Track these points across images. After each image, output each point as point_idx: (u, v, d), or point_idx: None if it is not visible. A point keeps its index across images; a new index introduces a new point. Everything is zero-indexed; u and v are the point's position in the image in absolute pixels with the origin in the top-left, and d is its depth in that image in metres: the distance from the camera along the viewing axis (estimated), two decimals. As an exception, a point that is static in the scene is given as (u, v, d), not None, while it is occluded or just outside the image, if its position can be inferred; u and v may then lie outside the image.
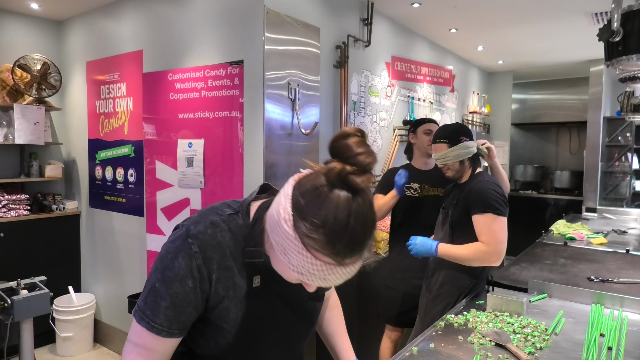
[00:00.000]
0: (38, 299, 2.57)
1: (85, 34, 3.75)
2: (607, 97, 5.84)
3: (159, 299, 0.86)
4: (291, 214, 0.75)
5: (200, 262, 0.87)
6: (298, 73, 2.75)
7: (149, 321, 0.86)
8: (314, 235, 0.73)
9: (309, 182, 0.77)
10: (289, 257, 0.76)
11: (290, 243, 0.75)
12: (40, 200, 3.72)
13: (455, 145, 2.05)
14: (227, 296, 0.90)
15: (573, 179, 6.41)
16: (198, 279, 0.87)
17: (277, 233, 0.78)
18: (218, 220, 0.91)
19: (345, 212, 0.73)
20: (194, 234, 0.88)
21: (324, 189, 0.74)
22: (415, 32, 4.39)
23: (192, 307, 0.88)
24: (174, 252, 0.87)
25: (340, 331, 1.27)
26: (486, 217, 1.92)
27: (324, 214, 0.73)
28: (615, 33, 1.64)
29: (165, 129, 3.02)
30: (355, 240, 0.74)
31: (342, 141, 0.76)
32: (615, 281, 2.17)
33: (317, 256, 0.74)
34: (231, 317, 0.91)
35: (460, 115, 5.48)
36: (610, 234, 3.55)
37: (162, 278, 0.86)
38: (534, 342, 1.47)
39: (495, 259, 1.92)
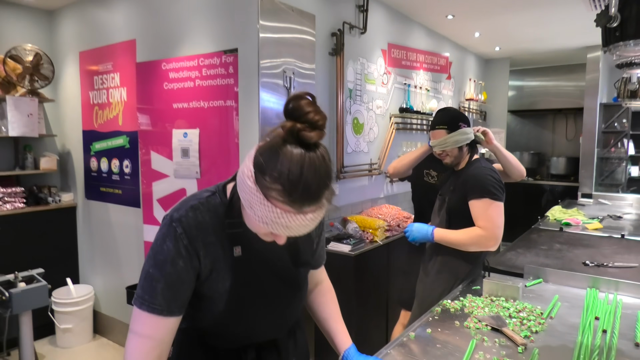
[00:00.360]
0: (36, 291, 2.57)
1: (77, 24, 3.70)
2: (604, 84, 5.83)
3: (154, 282, 0.94)
4: (252, 170, 0.85)
5: (186, 242, 0.95)
6: (293, 61, 2.73)
7: (149, 304, 0.93)
8: (273, 186, 0.82)
9: (267, 143, 0.85)
10: (254, 209, 0.85)
11: (253, 196, 0.85)
12: (36, 193, 3.70)
13: (454, 131, 2.05)
14: (214, 269, 0.99)
15: (569, 166, 6.43)
16: (187, 257, 0.95)
17: (243, 190, 0.87)
18: (197, 204, 1.00)
19: (299, 164, 0.81)
20: (177, 218, 0.97)
21: (279, 146, 0.83)
22: (411, 19, 4.35)
23: (186, 284, 0.97)
24: (161, 238, 0.96)
25: (334, 315, 1.29)
26: (483, 202, 1.92)
27: (279, 168, 0.81)
28: (613, 19, 1.62)
29: (160, 119, 3.00)
30: (310, 189, 0.82)
31: (293, 103, 0.84)
32: (610, 265, 2.19)
33: (277, 205, 0.83)
34: (220, 286, 1.00)
35: (457, 103, 5.47)
36: (605, 219, 3.56)
37: (154, 263, 0.95)
38: (529, 326, 1.48)
39: (492, 243, 1.92)
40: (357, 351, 1.21)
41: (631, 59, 2.07)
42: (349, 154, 3.51)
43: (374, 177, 3.90)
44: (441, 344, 1.38)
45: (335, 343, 1.25)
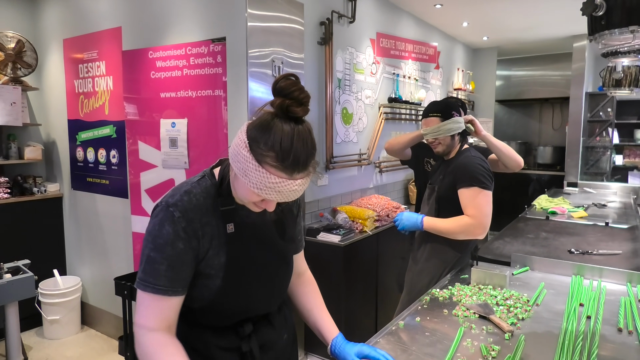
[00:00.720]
0: (22, 282, 2.54)
1: (61, 10, 3.62)
2: (590, 73, 5.89)
3: (156, 264, 0.99)
4: (247, 141, 0.94)
5: (184, 224, 1.00)
6: (282, 50, 2.71)
7: (153, 286, 0.99)
8: (267, 154, 0.91)
9: (259, 118, 0.96)
10: (249, 177, 0.93)
11: (249, 164, 0.93)
12: (21, 183, 3.64)
13: (447, 119, 2.06)
14: (210, 247, 1.05)
15: (555, 155, 6.51)
16: (186, 239, 1.01)
17: (238, 160, 0.95)
18: (189, 188, 1.06)
19: (289, 135, 0.92)
20: (173, 203, 1.02)
21: (270, 119, 0.93)
22: (400, 8, 4.34)
23: (186, 265, 1.02)
24: (159, 223, 1.01)
25: (319, 305, 1.32)
26: (472, 191, 1.94)
27: (273, 137, 0.91)
28: (599, 7, 1.63)
29: (148, 108, 2.96)
30: (300, 157, 0.92)
31: (281, 82, 0.94)
32: (594, 253, 2.23)
33: (271, 171, 0.92)
34: (216, 263, 1.06)
35: (445, 92, 5.49)
36: (590, 207, 3.63)
37: (154, 247, 1.00)
38: (516, 313, 1.51)
39: (480, 231, 1.95)
40: (345, 339, 1.23)
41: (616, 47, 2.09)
42: (338, 144, 3.51)
43: (364, 168, 3.91)
44: (430, 332, 1.41)
45: (322, 333, 1.27)
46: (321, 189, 3.37)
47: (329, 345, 1.23)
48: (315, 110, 3.24)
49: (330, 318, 1.30)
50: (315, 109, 3.24)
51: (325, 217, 3.30)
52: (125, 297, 2.43)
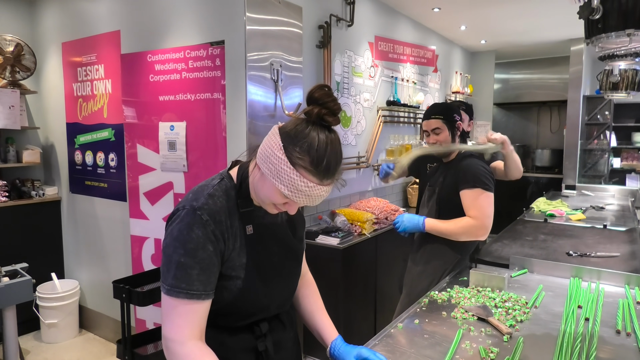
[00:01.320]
0: (20, 286, 2.53)
1: (59, 14, 3.62)
2: (587, 76, 5.92)
3: (189, 269, 0.99)
4: (282, 144, 0.96)
5: (213, 227, 1.02)
6: (280, 54, 2.71)
7: (187, 291, 0.99)
8: (303, 157, 0.95)
9: (293, 123, 0.99)
10: (280, 178, 0.96)
11: (282, 166, 0.95)
12: (19, 187, 3.63)
13: (449, 120, 2.09)
14: (233, 249, 1.07)
15: (553, 157, 6.52)
16: (214, 241, 1.02)
17: (270, 162, 0.97)
18: (212, 192, 1.07)
19: (324, 142, 0.96)
20: (200, 206, 1.02)
21: (307, 125, 0.98)
22: (398, 12, 4.35)
23: (217, 267, 1.04)
24: (187, 227, 1.01)
25: (319, 308, 1.33)
26: (475, 192, 1.95)
27: (309, 142, 0.95)
28: (595, 10, 1.64)
29: (146, 111, 2.96)
30: (332, 164, 0.97)
31: (318, 92, 0.99)
32: (592, 255, 2.24)
33: (304, 175, 0.95)
34: (237, 264, 1.07)
35: (444, 96, 5.50)
36: (588, 210, 3.63)
37: (185, 252, 0.99)
38: (514, 316, 1.51)
39: (483, 232, 1.95)
40: (344, 342, 1.23)
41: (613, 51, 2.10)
42: (336, 146, 3.51)
43: (362, 170, 3.92)
44: (429, 335, 1.41)
45: (322, 335, 1.27)
46: (320, 192, 3.37)
47: (328, 348, 1.24)
48: (313, 113, 3.24)
49: (329, 320, 1.30)
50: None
51: (324, 219, 3.30)
52: (123, 300, 2.43)
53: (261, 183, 1.02)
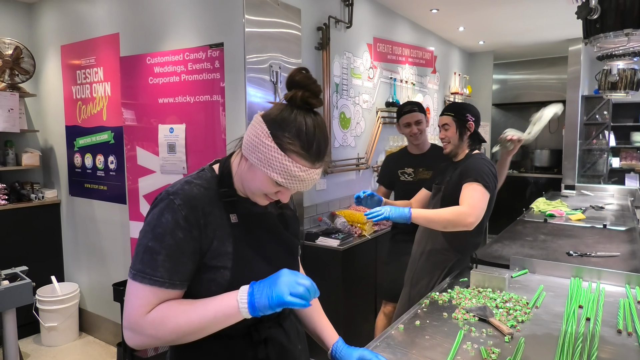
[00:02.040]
0: (20, 289, 2.53)
1: (58, 17, 3.63)
2: (586, 76, 5.93)
3: (154, 254, 0.95)
4: (269, 131, 0.95)
5: (185, 212, 0.97)
6: (279, 56, 2.72)
7: (151, 277, 0.94)
8: (293, 142, 0.94)
9: (277, 109, 0.98)
10: (272, 166, 0.95)
11: (273, 153, 0.94)
12: (18, 190, 3.63)
13: (460, 118, 2.12)
14: (215, 237, 1.01)
15: (552, 158, 6.53)
16: (187, 228, 0.97)
17: (259, 151, 0.96)
18: (190, 179, 1.05)
19: (312, 124, 0.96)
20: (174, 191, 1.00)
21: (292, 110, 0.97)
22: (396, 13, 4.36)
23: (187, 256, 0.97)
24: (159, 212, 0.98)
25: (317, 310, 1.30)
26: (474, 186, 1.93)
27: (297, 126, 0.95)
28: (593, 10, 1.65)
29: (145, 114, 2.96)
30: (322, 146, 0.97)
31: (298, 75, 0.98)
32: (593, 255, 2.24)
33: (296, 160, 0.95)
34: (222, 254, 1.02)
35: (442, 97, 5.51)
36: (588, 210, 3.64)
37: (153, 236, 0.96)
38: (515, 316, 1.51)
39: (471, 220, 1.86)
40: (345, 344, 1.22)
41: (611, 50, 2.11)
42: (336, 148, 3.52)
43: (362, 172, 3.92)
44: (430, 335, 1.40)
45: (322, 338, 1.25)
46: (320, 194, 3.38)
47: (330, 351, 1.22)
48: (313, 114, 3.24)
49: (329, 323, 1.29)
50: (313, 113, 3.24)
51: (324, 221, 3.30)
52: (123, 303, 2.43)
53: (251, 174, 1.00)
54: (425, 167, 2.71)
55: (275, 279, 0.94)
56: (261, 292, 0.93)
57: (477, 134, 2.17)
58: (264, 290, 0.93)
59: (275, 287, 0.92)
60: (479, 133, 2.18)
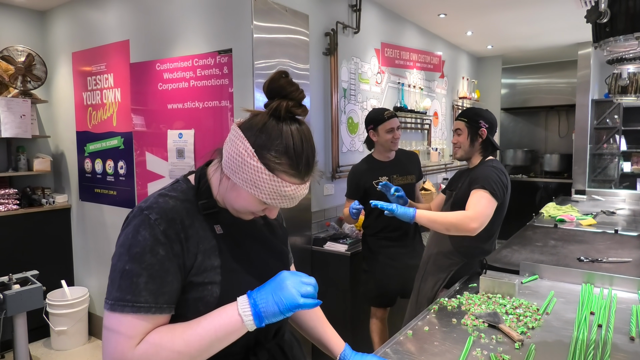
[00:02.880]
0: (31, 293, 2.56)
1: (70, 24, 3.68)
2: (595, 80, 5.88)
3: (135, 277, 0.84)
4: (253, 150, 0.87)
5: (163, 226, 0.88)
6: (287, 61, 2.73)
7: (133, 304, 0.83)
8: (280, 160, 0.87)
9: (260, 122, 0.89)
10: (259, 188, 0.88)
11: (260, 175, 0.87)
12: (30, 195, 3.67)
13: (472, 124, 2.12)
14: (199, 251, 0.92)
15: (562, 162, 6.47)
16: (167, 243, 0.87)
17: (243, 171, 0.88)
18: (163, 192, 0.96)
19: (298, 137, 0.89)
20: (148, 206, 0.91)
21: (276, 123, 0.89)
22: (404, 18, 4.37)
23: (171, 275, 0.88)
24: (133, 230, 0.88)
25: (321, 319, 1.27)
26: (481, 192, 1.94)
27: (284, 143, 0.87)
28: (603, 14, 1.64)
29: (155, 119, 2.99)
30: (310, 159, 0.91)
31: (277, 83, 0.90)
32: (604, 261, 2.21)
33: (286, 179, 0.88)
34: (209, 268, 0.93)
35: (451, 101, 5.49)
36: (599, 215, 3.60)
37: (130, 258, 0.86)
38: (526, 322, 1.50)
39: (475, 225, 1.87)
40: (353, 350, 1.21)
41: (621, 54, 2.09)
42: (344, 153, 3.52)
43: (369, 176, 3.91)
44: (439, 342, 1.39)
45: (329, 347, 1.22)
46: (327, 199, 3.38)
47: (337, 358, 1.21)
48: (321, 119, 3.25)
49: (334, 331, 1.26)
50: (320, 118, 3.25)
51: (332, 226, 3.30)
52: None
53: (234, 194, 0.93)
54: (398, 173, 2.69)
55: (279, 283, 0.88)
56: (266, 300, 0.86)
57: (489, 141, 2.16)
58: (268, 297, 0.87)
59: (282, 291, 0.86)
60: (492, 140, 2.16)
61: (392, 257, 2.65)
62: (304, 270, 1.24)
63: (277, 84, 0.90)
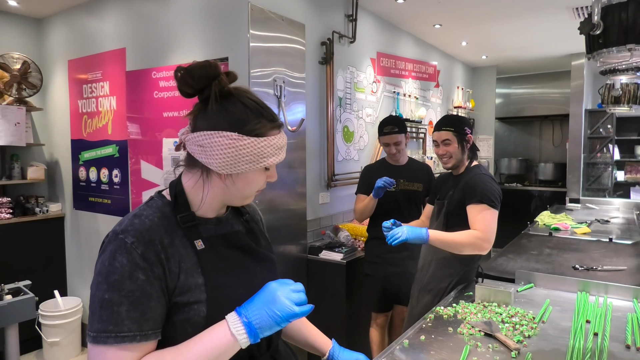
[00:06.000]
0: (23, 303, 2.53)
1: (66, 32, 3.68)
2: (589, 90, 5.94)
3: (115, 306, 0.81)
4: (234, 133, 0.90)
5: (141, 249, 0.85)
6: (284, 70, 2.74)
7: (116, 334, 0.81)
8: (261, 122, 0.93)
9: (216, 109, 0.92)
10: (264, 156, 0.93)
11: (257, 145, 0.91)
12: (23, 203, 3.65)
13: (459, 132, 2.10)
14: (181, 270, 0.89)
15: (556, 171, 6.51)
16: (147, 267, 0.84)
17: (242, 155, 0.91)
18: (138, 212, 0.93)
19: (251, 96, 0.95)
20: (123, 229, 0.87)
21: (228, 99, 0.93)
22: (399, 28, 4.40)
23: (154, 299, 0.84)
24: (109, 257, 0.85)
25: (304, 321, 1.25)
26: (480, 207, 1.94)
27: (250, 107, 0.93)
28: (596, 26, 1.66)
29: (150, 128, 2.99)
30: (266, 106, 0.97)
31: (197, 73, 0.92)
32: (599, 269, 2.22)
33: (272, 133, 0.95)
34: (193, 287, 0.90)
35: (446, 110, 5.53)
36: (593, 223, 3.61)
37: (109, 287, 0.82)
38: (522, 331, 1.49)
39: (487, 246, 1.93)
40: (340, 346, 1.20)
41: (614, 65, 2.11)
42: (339, 162, 3.52)
43: (365, 185, 3.91)
44: (435, 351, 1.39)
45: (316, 346, 1.21)
46: (323, 207, 3.37)
47: (326, 356, 1.19)
48: (316, 128, 3.26)
49: (318, 330, 1.25)
50: (316, 127, 3.26)
51: (328, 235, 3.29)
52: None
53: (242, 183, 0.95)
54: (406, 178, 2.75)
55: (270, 295, 0.87)
56: (259, 315, 0.85)
57: (474, 146, 2.18)
58: (260, 311, 0.85)
59: (276, 304, 0.86)
60: (474, 144, 2.19)
61: (394, 262, 2.68)
62: (300, 279, 1.24)
63: (199, 74, 0.91)
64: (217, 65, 0.93)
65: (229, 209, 1.07)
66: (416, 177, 2.77)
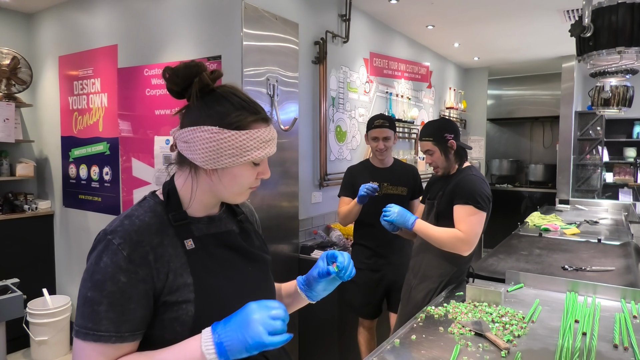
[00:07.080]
0: (10, 302, 2.50)
1: (57, 28, 3.64)
2: (579, 92, 6.00)
3: (95, 305, 0.83)
4: (217, 127, 0.90)
5: (128, 251, 0.85)
6: (277, 69, 2.74)
7: (94, 332, 0.83)
8: (242, 114, 0.92)
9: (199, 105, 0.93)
10: (247, 150, 0.92)
11: (239, 138, 0.91)
12: (12, 200, 3.60)
13: (439, 140, 2.08)
14: (170, 270, 0.90)
15: (547, 172, 6.58)
16: (131, 269, 0.85)
17: (224, 149, 0.90)
18: (130, 212, 0.94)
19: (234, 90, 0.96)
20: (112, 230, 0.89)
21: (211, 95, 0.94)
22: (392, 29, 4.42)
23: (134, 302, 0.85)
24: (96, 256, 0.87)
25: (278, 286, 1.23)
26: (467, 209, 1.95)
27: (231, 100, 0.93)
28: (586, 29, 1.68)
29: (142, 125, 2.96)
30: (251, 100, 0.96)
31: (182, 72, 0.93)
32: (588, 269, 2.24)
33: (256, 126, 0.93)
34: (181, 286, 0.90)
35: (438, 111, 5.55)
36: (582, 224, 3.65)
37: (92, 285, 0.84)
38: (512, 330, 1.51)
39: (467, 248, 1.95)
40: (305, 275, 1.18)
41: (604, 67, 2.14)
42: (332, 161, 3.52)
43: (357, 184, 3.92)
44: (426, 350, 1.39)
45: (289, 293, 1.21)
46: (315, 207, 3.37)
47: (297, 287, 1.18)
48: (309, 128, 3.26)
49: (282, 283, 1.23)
50: (309, 126, 3.26)
51: (319, 234, 3.29)
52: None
53: (228, 178, 0.94)
54: (389, 182, 2.68)
55: (244, 318, 0.82)
56: (231, 337, 0.81)
57: (460, 147, 2.14)
58: (232, 334, 0.81)
59: (248, 330, 0.80)
60: (461, 146, 2.15)
61: (377, 268, 2.65)
62: (291, 278, 1.24)
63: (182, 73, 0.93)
64: (201, 64, 0.94)
65: (222, 208, 1.06)
66: (400, 181, 2.70)
